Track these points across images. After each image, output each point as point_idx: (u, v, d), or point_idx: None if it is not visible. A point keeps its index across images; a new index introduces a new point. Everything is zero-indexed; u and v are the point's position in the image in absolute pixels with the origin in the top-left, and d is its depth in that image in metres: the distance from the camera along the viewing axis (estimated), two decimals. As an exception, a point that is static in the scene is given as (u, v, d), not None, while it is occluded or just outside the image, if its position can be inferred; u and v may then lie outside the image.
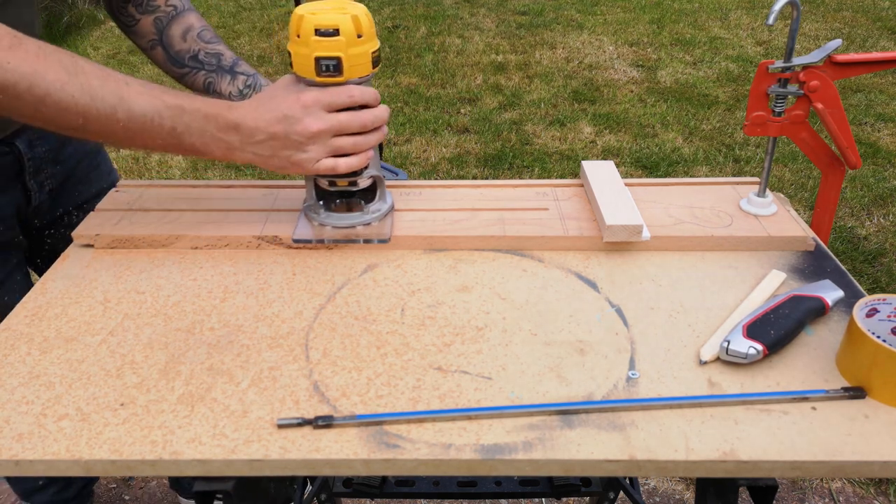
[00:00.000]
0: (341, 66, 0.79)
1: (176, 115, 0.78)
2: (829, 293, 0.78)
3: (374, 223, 0.92)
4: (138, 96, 0.77)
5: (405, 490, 1.22)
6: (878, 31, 4.46)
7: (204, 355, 0.74)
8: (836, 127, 0.87)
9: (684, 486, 1.70)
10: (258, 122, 0.80)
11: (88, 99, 0.74)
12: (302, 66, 0.80)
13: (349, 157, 0.83)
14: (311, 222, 0.92)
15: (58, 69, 0.74)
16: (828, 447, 0.62)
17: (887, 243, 2.47)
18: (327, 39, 0.78)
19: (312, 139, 0.81)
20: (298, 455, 0.62)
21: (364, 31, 0.79)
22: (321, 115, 0.80)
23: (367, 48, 0.80)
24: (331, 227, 0.91)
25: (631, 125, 3.34)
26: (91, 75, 0.75)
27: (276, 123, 0.80)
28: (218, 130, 0.80)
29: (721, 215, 0.94)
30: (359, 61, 0.80)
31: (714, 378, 0.70)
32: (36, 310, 0.81)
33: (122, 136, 0.78)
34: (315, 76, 0.80)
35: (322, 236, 0.90)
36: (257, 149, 0.82)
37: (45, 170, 1.07)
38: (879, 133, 3.24)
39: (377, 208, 0.93)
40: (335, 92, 0.81)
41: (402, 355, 0.74)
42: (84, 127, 0.76)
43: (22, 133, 1.03)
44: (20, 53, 0.72)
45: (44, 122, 0.76)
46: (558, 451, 0.62)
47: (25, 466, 0.62)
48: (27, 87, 0.72)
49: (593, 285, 0.84)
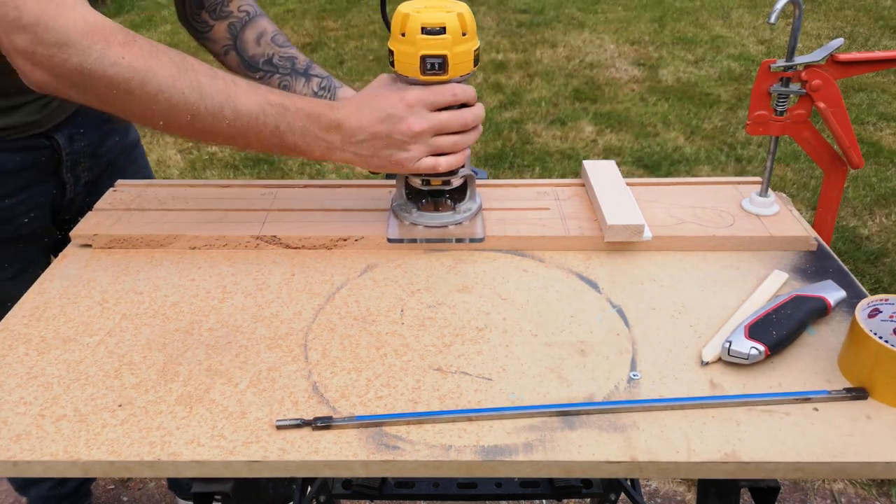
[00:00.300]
0: (446, 65, 0.79)
1: (279, 113, 0.79)
2: (832, 293, 0.77)
3: (465, 222, 0.91)
4: (244, 95, 0.77)
5: (405, 492, 1.21)
6: (880, 30, 4.46)
7: (202, 356, 0.73)
8: (838, 126, 0.86)
9: (686, 487, 1.70)
10: (361, 121, 0.80)
11: (198, 96, 0.75)
12: (406, 65, 0.80)
13: (449, 156, 0.83)
14: (402, 222, 0.92)
15: (169, 66, 0.74)
16: (830, 448, 0.62)
17: (889, 243, 2.46)
18: (434, 38, 0.78)
19: (415, 138, 0.81)
20: (297, 456, 0.62)
21: (468, 29, 0.79)
22: (424, 114, 0.80)
23: (471, 46, 0.80)
24: (422, 226, 0.91)
25: (632, 124, 3.34)
26: (200, 73, 0.76)
27: (379, 123, 0.80)
28: (320, 130, 0.80)
29: (723, 215, 0.93)
30: (462, 59, 0.80)
31: (716, 379, 0.69)
32: (34, 310, 0.80)
33: (226, 134, 0.79)
34: (419, 75, 0.80)
35: (415, 236, 0.90)
36: (358, 148, 0.81)
37: (83, 163, 1.09)
38: (882, 132, 3.23)
39: (468, 207, 0.92)
40: (438, 91, 0.80)
41: (401, 356, 0.73)
42: (191, 124, 0.77)
43: (63, 127, 1.04)
44: (134, 50, 0.73)
45: (153, 119, 0.76)
46: (559, 453, 0.62)
47: (23, 467, 0.62)
48: (140, 84, 0.73)
49: (594, 285, 0.83)
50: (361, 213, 0.95)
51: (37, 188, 1.03)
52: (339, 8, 5.18)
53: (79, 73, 0.72)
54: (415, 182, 0.89)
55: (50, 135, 1.02)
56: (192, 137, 0.80)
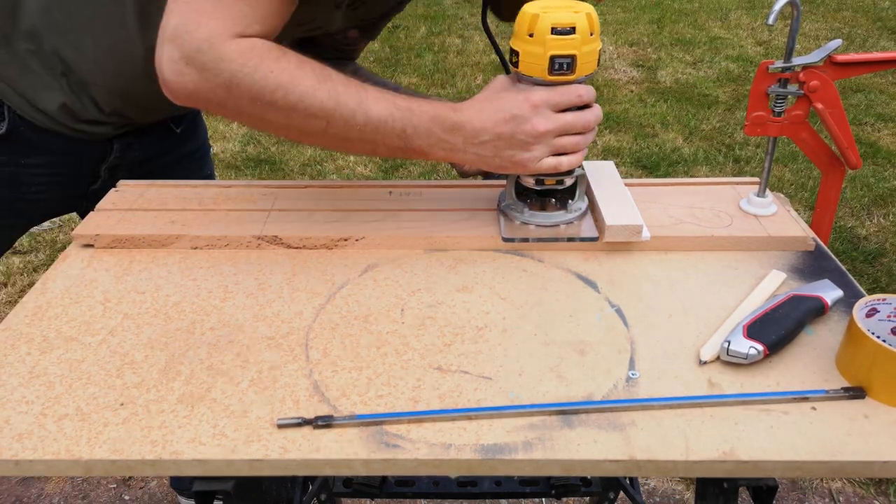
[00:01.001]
0: (574, 65, 0.79)
1: (406, 116, 0.79)
2: (829, 293, 0.78)
3: (576, 221, 0.91)
4: (375, 101, 0.78)
5: (405, 490, 1.22)
6: (878, 31, 4.46)
7: (204, 355, 0.74)
8: (836, 127, 0.87)
9: (684, 486, 1.70)
10: (485, 122, 0.80)
11: (334, 104, 0.77)
12: (533, 66, 0.80)
13: (570, 156, 0.83)
14: (513, 221, 0.92)
15: (311, 77, 0.76)
16: (828, 447, 0.62)
17: (887, 243, 2.47)
18: (564, 38, 0.78)
19: (538, 139, 0.81)
20: (298, 455, 0.62)
21: (595, 29, 0.80)
22: (549, 114, 0.80)
23: (596, 46, 0.81)
24: (534, 225, 0.91)
25: (631, 125, 3.34)
26: (337, 82, 0.78)
27: (503, 124, 0.80)
28: (443, 132, 0.81)
29: (721, 215, 0.94)
30: (589, 59, 0.80)
31: (714, 378, 0.70)
32: (36, 309, 0.81)
33: (356, 139, 0.80)
34: (547, 75, 0.79)
35: (528, 235, 0.90)
36: (480, 149, 0.82)
37: (125, 166, 1.13)
38: (880, 133, 3.24)
39: (578, 206, 0.92)
40: (564, 91, 0.80)
41: (401, 355, 0.74)
42: (325, 131, 0.78)
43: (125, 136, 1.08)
44: (283, 64, 0.75)
45: (288, 128, 0.79)
46: (558, 451, 0.62)
47: (25, 466, 0.62)
48: (283, 95, 0.75)
49: (593, 285, 0.84)
50: (362, 213, 0.95)
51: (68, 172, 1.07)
52: (338, 9, 5.18)
53: (225, 88, 0.74)
54: (528, 182, 0.89)
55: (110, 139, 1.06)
56: (324, 144, 0.82)
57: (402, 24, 4.76)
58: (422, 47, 4.35)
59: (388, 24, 1.36)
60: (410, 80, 3.89)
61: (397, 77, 3.91)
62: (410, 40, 4.50)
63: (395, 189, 1.01)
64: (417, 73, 3.98)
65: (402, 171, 2.99)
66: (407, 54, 4.25)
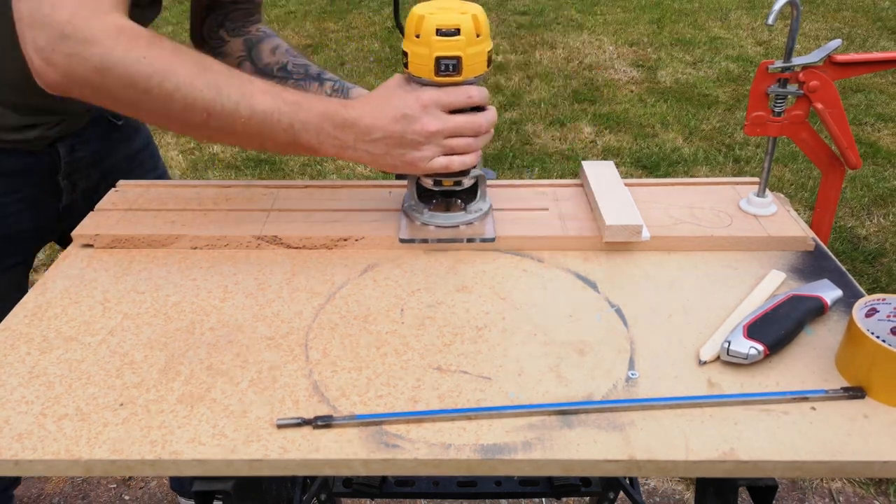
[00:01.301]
0: (461, 66, 0.80)
1: (293, 111, 0.79)
2: (828, 292, 0.78)
3: (476, 222, 0.92)
4: (261, 94, 0.78)
5: (405, 490, 1.22)
6: (878, 31, 4.46)
7: (203, 355, 0.74)
8: (835, 127, 0.87)
9: (684, 486, 1.70)
10: (376, 120, 0.81)
11: (214, 94, 0.76)
12: (420, 67, 0.80)
13: (463, 156, 0.84)
14: (414, 222, 0.92)
15: (189, 65, 0.75)
16: (827, 447, 0.62)
17: (887, 243, 2.47)
18: (448, 39, 0.78)
19: (428, 138, 0.81)
20: (298, 455, 0.62)
21: (482, 31, 0.80)
22: (439, 114, 0.81)
23: (484, 48, 0.81)
24: (434, 226, 0.91)
25: (631, 125, 3.34)
26: (219, 73, 0.77)
27: (394, 122, 0.80)
28: (333, 128, 0.80)
29: (721, 215, 0.94)
30: (476, 60, 0.81)
31: (714, 378, 0.70)
32: (36, 309, 0.81)
33: (241, 133, 0.79)
34: (434, 76, 0.80)
35: (426, 236, 0.90)
36: (371, 147, 0.82)
37: (81, 171, 1.09)
38: (879, 133, 3.23)
39: (478, 207, 0.92)
40: (453, 92, 0.81)
41: (401, 355, 0.74)
42: (206, 123, 0.77)
43: (66, 138, 1.05)
44: (156, 50, 0.74)
45: (168, 118, 0.77)
46: (558, 451, 0.62)
47: (25, 466, 0.62)
48: (158, 82, 0.73)
49: (593, 285, 0.84)
50: (362, 213, 0.95)
51: (29, 190, 1.03)
52: (339, 10, 5.19)
53: (98, 72, 0.72)
54: (426, 182, 0.89)
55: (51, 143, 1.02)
56: (207, 137, 0.80)
57: (403, 23, 4.76)
58: (422, 47, 4.35)
59: (389, 24, 1.35)
60: (410, 80, 3.89)
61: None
62: (410, 40, 4.50)
63: (395, 189, 1.01)
64: (417, 73, 3.98)
65: (402, 171, 2.99)
66: (407, 54, 4.25)
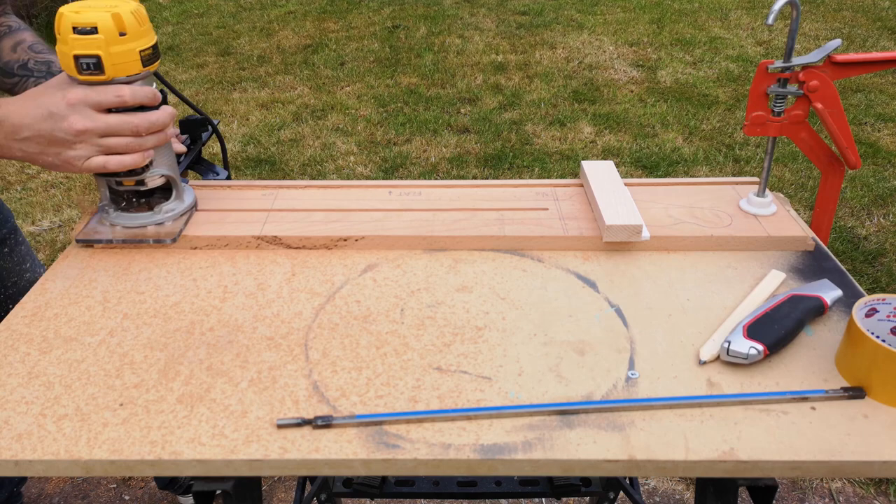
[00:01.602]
0: (102, 65, 0.78)
1: None
2: (828, 292, 0.78)
3: (168, 223, 0.92)
4: None
5: (405, 490, 1.22)
6: (877, 31, 4.46)
7: (203, 355, 0.74)
8: (835, 127, 0.87)
9: (684, 486, 1.70)
10: (24, 118, 0.80)
11: None
12: (65, 65, 0.80)
13: (123, 156, 0.82)
14: (104, 222, 0.92)
15: None
16: (827, 447, 0.62)
17: (887, 243, 2.47)
18: (85, 38, 0.77)
19: (79, 136, 0.80)
20: (298, 455, 0.62)
21: (128, 29, 0.79)
22: (88, 113, 0.79)
23: (133, 46, 0.80)
24: (121, 226, 0.91)
25: (631, 125, 3.34)
26: None
27: (41, 121, 0.79)
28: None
29: (721, 215, 0.94)
30: (123, 59, 0.79)
31: (713, 378, 0.70)
32: (35, 310, 0.81)
33: None
34: (78, 74, 0.79)
35: (110, 236, 0.90)
36: (24, 145, 0.81)
37: None
38: (879, 133, 3.23)
39: (171, 208, 0.92)
40: (102, 91, 0.80)
41: (401, 355, 0.73)
42: None
43: None
44: None
45: None
46: (558, 451, 0.62)
47: (25, 466, 0.62)
48: None
49: (593, 285, 0.84)
50: (362, 213, 0.95)
51: None
52: (339, 10, 5.19)
53: None
54: (110, 182, 0.89)
55: None
56: None
57: (402, 24, 4.77)
58: (422, 47, 4.35)
59: (389, 24, 1.35)
60: (410, 79, 3.89)
61: (397, 77, 3.92)
62: (410, 40, 4.50)
63: (394, 189, 1.01)
64: (417, 73, 3.98)
65: (402, 171, 2.99)
66: (407, 54, 4.25)
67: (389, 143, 3.22)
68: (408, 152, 3.13)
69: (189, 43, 4.62)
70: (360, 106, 3.61)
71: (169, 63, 4.25)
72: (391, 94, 3.71)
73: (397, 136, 3.27)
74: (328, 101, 3.65)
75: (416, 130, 3.32)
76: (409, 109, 3.55)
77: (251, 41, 4.56)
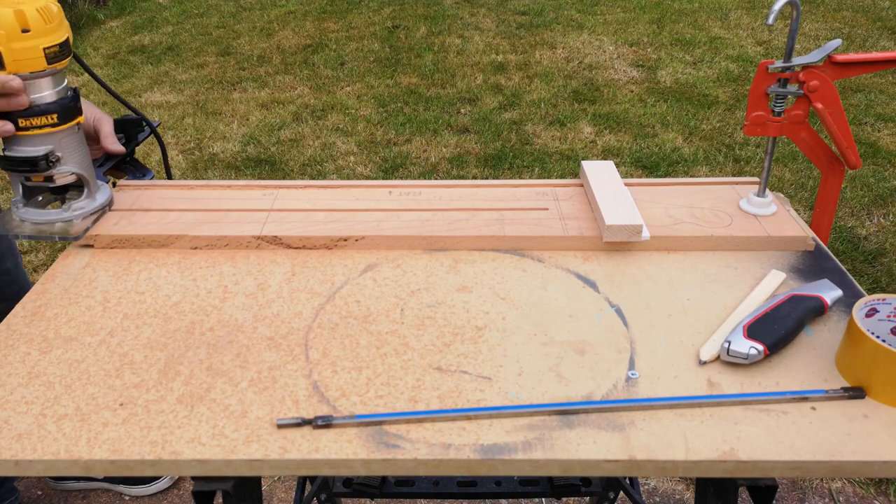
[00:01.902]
0: (2, 60, 0.79)
1: None
2: (828, 292, 0.78)
3: (76, 221, 0.92)
4: None
5: (405, 490, 1.22)
6: (878, 31, 4.46)
7: (203, 355, 0.74)
8: (835, 127, 0.87)
9: (684, 486, 1.70)
10: None
11: None
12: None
13: None
14: (14, 217, 0.93)
15: None
16: (827, 447, 0.62)
17: (887, 243, 2.47)
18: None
19: None
20: (298, 455, 0.62)
21: (33, 27, 0.80)
22: None
23: (37, 43, 0.81)
24: (29, 222, 0.92)
25: (631, 125, 3.34)
26: None
27: None
28: None
29: (721, 215, 0.94)
30: (25, 56, 0.80)
31: (714, 378, 0.70)
32: (35, 310, 0.81)
33: None
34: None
35: (14, 231, 0.91)
36: None
37: None
38: (879, 133, 3.23)
39: (81, 206, 0.93)
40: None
41: (401, 355, 0.73)
42: None
43: None
44: None
45: None
46: (558, 451, 0.62)
47: (25, 466, 0.62)
48: None
49: (593, 285, 0.84)
50: (362, 213, 0.95)
51: None
52: (339, 10, 5.19)
53: None
54: (20, 178, 0.90)
55: None
56: None
57: (402, 24, 4.77)
58: (422, 47, 4.35)
59: (389, 24, 1.35)
60: (410, 79, 3.89)
61: (397, 77, 3.92)
62: (410, 40, 4.50)
63: (394, 189, 1.02)
64: (417, 73, 3.98)
65: (402, 171, 2.99)
66: (407, 54, 4.25)
67: (389, 143, 3.22)
68: (408, 152, 3.13)
69: (189, 43, 4.62)
70: (360, 106, 3.61)
71: (169, 63, 4.25)
72: (391, 94, 3.71)
73: (397, 136, 3.27)
74: (328, 101, 3.65)
75: (416, 130, 3.32)
76: (409, 109, 3.55)
77: (251, 41, 4.56)
